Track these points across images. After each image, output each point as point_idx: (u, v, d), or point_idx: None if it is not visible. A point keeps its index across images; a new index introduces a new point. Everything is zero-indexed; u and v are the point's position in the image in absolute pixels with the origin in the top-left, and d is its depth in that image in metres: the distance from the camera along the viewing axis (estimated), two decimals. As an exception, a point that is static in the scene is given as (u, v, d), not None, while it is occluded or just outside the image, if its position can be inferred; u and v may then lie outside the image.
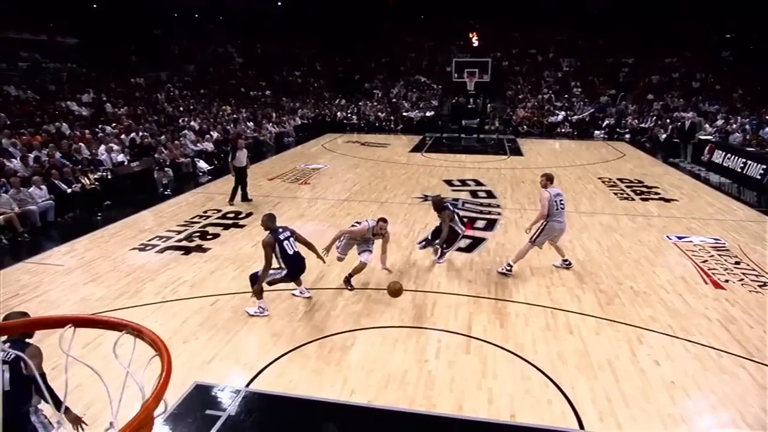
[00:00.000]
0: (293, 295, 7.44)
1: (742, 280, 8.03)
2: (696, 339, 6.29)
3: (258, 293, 6.85)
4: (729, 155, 16.57)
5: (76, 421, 3.68)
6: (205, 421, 4.87)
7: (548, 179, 8.34)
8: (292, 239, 6.92)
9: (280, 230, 6.85)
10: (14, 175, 11.47)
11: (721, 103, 23.64)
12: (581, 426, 4.80)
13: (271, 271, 6.76)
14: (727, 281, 7.98)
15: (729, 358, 5.90)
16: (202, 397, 5.23)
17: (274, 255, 6.69)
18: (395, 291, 6.80)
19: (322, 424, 4.92)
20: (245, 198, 12.82)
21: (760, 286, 7.80)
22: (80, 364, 2.20)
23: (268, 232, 6.75)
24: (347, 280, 7.71)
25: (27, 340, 3.58)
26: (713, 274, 8.24)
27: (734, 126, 19.89)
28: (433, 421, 4.89)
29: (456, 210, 9.40)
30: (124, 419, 1.68)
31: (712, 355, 5.97)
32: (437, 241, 8.65)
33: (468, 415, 4.95)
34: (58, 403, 3.01)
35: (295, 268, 6.94)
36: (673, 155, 19.34)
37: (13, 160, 12.86)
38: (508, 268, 8.20)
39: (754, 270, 8.41)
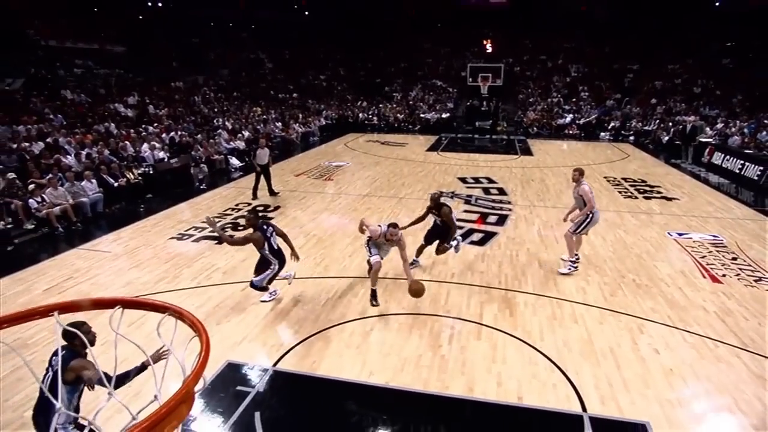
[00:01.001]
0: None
1: (738, 274, 7.88)
2: (694, 330, 6.20)
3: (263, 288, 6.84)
4: (728, 157, 16.31)
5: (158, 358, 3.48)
6: (236, 396, 4.94)
7: (581, 174, 7.92)
8: (274, 234, 6.82)
9: (265, 227, 6.77)
10: (69, 170, 11.70)
11: (720, 108, 23.18)
12: (584, 409, 4.77)
13: (267, 272, 6.65)
14: (724, 276, 7.84)
15: (725, 348, 5.80)
16: (233, 374, 5.31)
17: (264, 251, 6.60)
18: (417, 291, 6.36)
19: (343, 402, 4.95)
20: (272, 192, 12.83)
21: (755, 280, 7.65)
22: (126, 342, 2.25)
23: (252, 229, 6.67)
24: (373, 296, 6.88)
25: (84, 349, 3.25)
26: (711, 268, 8.10)
27: (733, 129, 19.51)
28: (445, 402, 4.89)
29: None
30: (167, 393, 1.72)
31: (708, 344, 5.88)
32: (446, 243, 7.93)
33: (478, 396, 4.95)
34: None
35: (282, 261, 6.78)
36: (674, 156, 19.01)
37: (68, 156, 13.12)
38: (573, 263, 7.89)
39: (750, 265, 8.25)
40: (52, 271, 8.11)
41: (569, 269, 7.89)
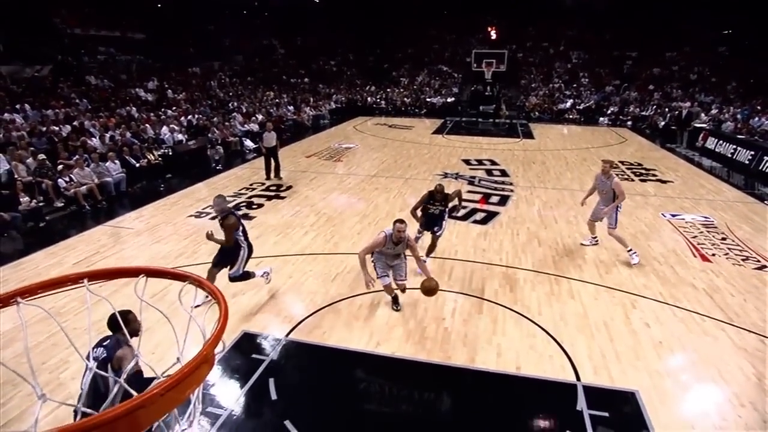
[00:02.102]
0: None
1: (727, 254, 7.85)
2: (683, 305, 6.21)
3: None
4: (721, 142, 16.09)
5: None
6: (252, 364, 5.03)
7: (612, 166, 7.72)
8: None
9: (234, 210, 6.25)
10: (94, 151, 11.76)
11: (716, 95, 22.79)
12: (578, 378, 4.82)
13: (239, 259, 6.05)
14: (713, 255, 7.81)
15: (711, 323, 5.82)
16: (249, 343, 5.39)
17: (238, 234, 5.99)
18: (429, 290, 5.51)
19: (351, 371, 5.03)
20: (277, 174, 12.58)
21: (743, 259, 7.63)
22: (151, 311, 2.29)
23: (226, 214, 5.96)
24: (395, 301, 6.12)
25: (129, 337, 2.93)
26: (702, 248, 8.07)
27: (727, 115, 19.20)
28: (448, 371, 4.95)
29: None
30: (189, 356, 1.75)
31: (696, 319, 5.90)
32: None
33: (479, 366, 5.00)
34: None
35: (250, 243, 6.25)
36: (670, 141, 18.79)
37: (93, 138, 13.16)
38: (634, 255, 7.47)
39: (738, 245, 8.21)
40: (81, 246, 8.21)
41: (633, 256, 7.43)
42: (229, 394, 4.59)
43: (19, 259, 7.68)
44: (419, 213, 7.29)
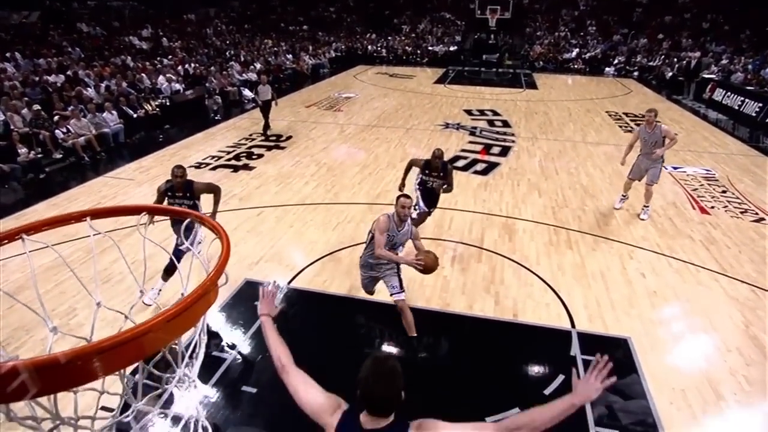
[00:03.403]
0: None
1: (726, 207, 7.90)
2: (679, 256, 6.31)
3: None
4: (729, 93, 15.83)
5: None
6: (254, 311, 5.09)
7: (656, 114, 7.19)
8: None
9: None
10: (90, 101, 11.59)
11: (727, 44, 22.11)
12: (573, 325, 4.97)
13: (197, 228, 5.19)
14: (712, 207, 7.87)
15: (706, 273, 5.94)
16: (251, 291, 5.51)
17: (198, 201, 5.30)
18: (428, 267, 4.28)
19: (352, 317, 5.17)
20: (266, 128, 12.10)
21: (741, 212, 7.68)
22: (156, 251, 2.35)
23: (185, 180, 5.16)
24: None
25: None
26: (701, 200, 8.11)
27: (738, 66, 18.75)
28: (446, 318, 5.10)
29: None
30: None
31: (691, 270, 6.01)
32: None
33: (477, 313, 5.15)
34: None
35: None
36: (676, 92, 18.46)
37: (88, 88, 12.95)
38: (648, 211, 7.44)
39: (738, 198, 8.25)
40: (82, 197, 8.25)
41: (646, 212, 7.42)
42: (232, 340, 4.75)
43: (21, 210, 7.73)
44: (417, 187, 6.36)
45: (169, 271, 5.13)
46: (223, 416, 3.84)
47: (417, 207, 6.19)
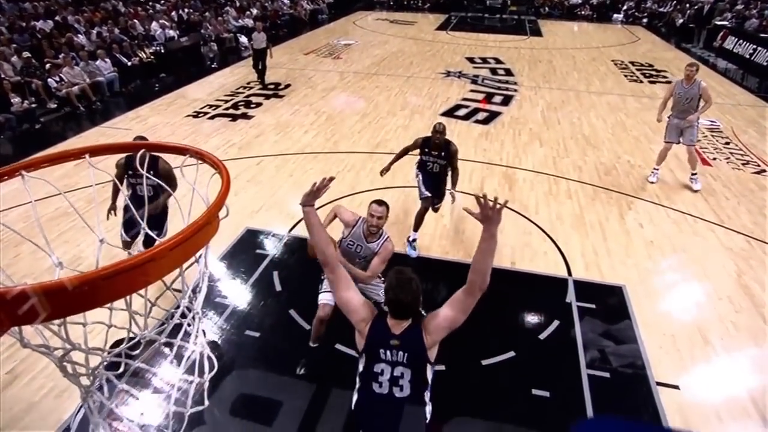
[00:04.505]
0: None
1: (728, 158, 7.90)
2: (677, 207, 6.37)
3: None
4: (741, 41, 15.36)
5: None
6: (255, 258, 5.27)
7: (697, 69, 6.88)
8: None
9: None
10: (82, 49, 11.32)
11: (744, -13, 21.33)
12: (569, 273, 5.08)
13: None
14: (714, 159, 7.86)
15: (703, 224, 6.02)
16: (252, 239, 5.60)
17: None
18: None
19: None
20: (261, 79, 11.67)
21: (743, 164, 7.70)
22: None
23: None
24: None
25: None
26: (703, 151, 8.09)
27: (753, 11, 18.14)
28: (444, 265, 5.22)
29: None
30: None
31: (689, 220, 6.08)
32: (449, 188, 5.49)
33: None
34: None
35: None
36: (686, 41, 18.00)
37: (79, 35, 12.59)
38: (694, 175, 6.88)
39: (741, 150, 8.23)
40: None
41: (696, 182, 6.85)
42: (235, 286, 4.87)
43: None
44: (417, 171, 5.50)
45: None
46: (228, 359, 4.00)
47: (420, 193, 5.42)
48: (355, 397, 2.54)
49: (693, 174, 6.88)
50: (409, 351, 2.30)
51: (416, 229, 5.44)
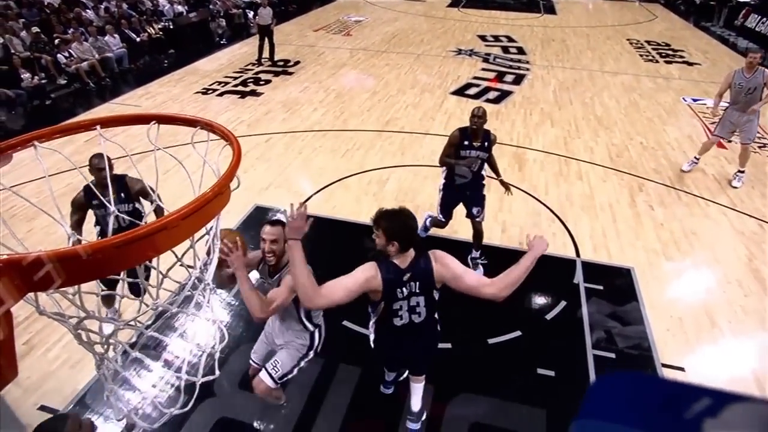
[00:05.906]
0: None
1: (745, 140, 7.77)
2: (689, 190, 6.32)
3: None
4: (764, 19, 14.90)
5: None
6: (265, 235, 5.30)
7: (762, 57, 6.26)
8: None
9: None
10: (90, 24, 11.31)
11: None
12: (578, 254, 5.09)
13: None
14: (730, 141, 7.71)
15: (715, 207, 5.97)
16: (261, 216, 5.63)
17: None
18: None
19: (360, 241, 5.30)
20: (271, 57, 11.46)
21: (759, 147, 7.57)
22: (166, 158, 2.43)
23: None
24: None
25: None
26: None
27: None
28: (453, 244, 5.22)
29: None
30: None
31: (701, 203, 6.04)
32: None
33: (483, 241, 5.25)
34: None
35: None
36: (706, 19, 17.55)
37: (87, 10, 12.56)
38: (741, 173, 6.48)
39: (758, 132, 8.07)
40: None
41: (740, 179, 6.45)
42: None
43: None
44: (444, 170, 4.85)
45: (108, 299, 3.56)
46: (236, 335, 4.08)
47: (429, 215, 5.20)
48: (372, 336, 2.88)
49: (740, 171, 6.43)
50: (420, 279, 2.53)
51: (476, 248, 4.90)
